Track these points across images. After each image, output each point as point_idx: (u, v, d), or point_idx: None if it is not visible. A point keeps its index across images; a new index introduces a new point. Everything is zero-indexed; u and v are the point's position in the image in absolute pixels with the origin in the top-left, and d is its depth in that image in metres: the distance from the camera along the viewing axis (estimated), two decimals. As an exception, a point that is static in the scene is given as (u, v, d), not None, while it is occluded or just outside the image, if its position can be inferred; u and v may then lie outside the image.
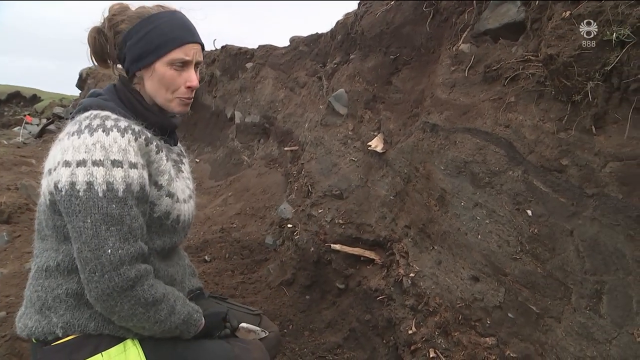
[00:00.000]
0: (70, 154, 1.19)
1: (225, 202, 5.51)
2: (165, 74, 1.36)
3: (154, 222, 1.35)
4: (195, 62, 1.41)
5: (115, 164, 1.19)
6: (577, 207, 1.69)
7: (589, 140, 1.67)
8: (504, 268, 1.95)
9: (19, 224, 4.78)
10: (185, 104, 1.43)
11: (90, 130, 1.21)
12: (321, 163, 3.59)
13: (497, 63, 2.21)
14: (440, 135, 2.42)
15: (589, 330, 1.59)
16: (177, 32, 1.36)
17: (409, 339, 2.29)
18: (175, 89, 1.39)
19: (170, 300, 1.29)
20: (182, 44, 1.36)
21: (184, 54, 1.36)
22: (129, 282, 1.17)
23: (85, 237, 1.14)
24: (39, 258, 1.31)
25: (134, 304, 1.19)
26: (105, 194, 1.16)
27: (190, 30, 1.40)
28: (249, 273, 3.66)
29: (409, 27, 3.15)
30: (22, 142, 13.56)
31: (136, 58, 1.37)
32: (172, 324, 1.28)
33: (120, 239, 1.16)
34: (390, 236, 2.75)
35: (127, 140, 1.23)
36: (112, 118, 1.26)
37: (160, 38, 1.34)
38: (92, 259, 1.14)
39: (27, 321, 1.28)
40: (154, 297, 1.23)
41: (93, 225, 1.14)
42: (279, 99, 5.96)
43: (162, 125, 1.44)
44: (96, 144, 1.19)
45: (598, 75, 1.59)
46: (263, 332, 1.66)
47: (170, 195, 1.37)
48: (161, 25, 1.35)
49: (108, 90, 1.42)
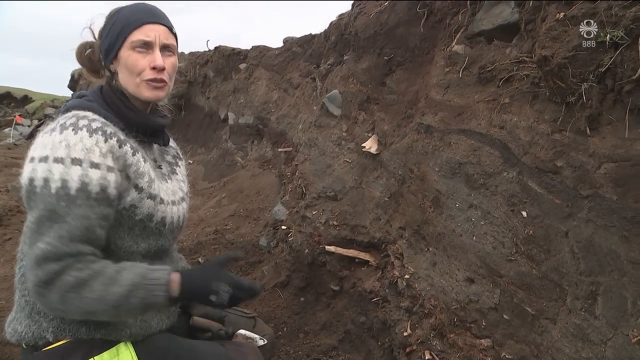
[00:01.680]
0: (38, 151, 1.18)
1: (219, 203, 5.48)
2: (129, 58, 1.33)
3: (136, 225, 1.31)
4: (161, 45, 1.36)
5: (75, 162, 1.16)
6: (572, 209, 1.69)
7: (584, 141, 1.68)
8: (499, 269, 1.95)
9: (9, 226, 4.72)
10: (154, 88, 1.36)
11: (62, 128, 1.19)
12: (315, 164, 3.58)
13: (492, 64, 2.21)
14: (434, 137, 2.41)
15: (584, 332, 1.59)
16: (136, 15, 1.35)
17: (404, 340, 2.28)
18: (140, 72, 1.34)
19: (107, 272, 1.15)
20: (140, 24, 1.33)
21: (143, 35, 1.33)
22: (51, 275, 1.09)
23: (29, 232, 1.13)
24: (25, 262, 1.28)
25: (62, 292, 1.10)
26: (57, 190, 1.13)
27: (151, 12, 1.37)
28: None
29: (402, 28, 3.15)
30: (12, 143, 13.44)
31: (106, 52, 1.36)
32: (117, 293, 1.13)
33: (56, 237, 1.11)
34: (384, 238, 2.74)
35: (95, 140, 1.20)
36: (89, 118, 1.24)
37: (120, 24, 1.33)
38: (27, 253, 1.12)
39: (16, 326, 1.26)
40: (80, 278, 1.11)
41: (38, 220, 1.12)
42: (273, 100, 5.94)
43: (147, 124, 1.41)
44: (62, 141, 1.17)
45: (592, 76, 1.59)
46: (261, 339, 1.64)
47: (151, 197, 1.33)
48: (122, 15, 1.35)
49: (93, 92, 1.40)
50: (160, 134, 1.51)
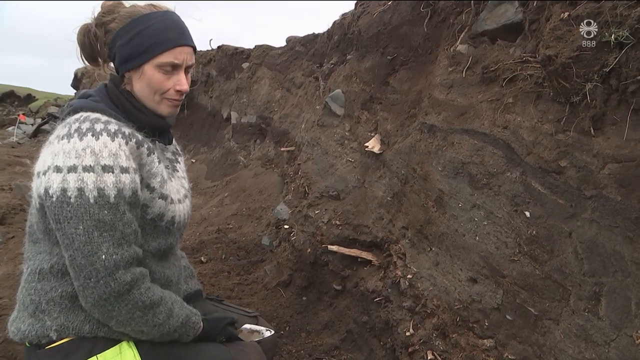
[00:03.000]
0: (61, 159, 1.17)
1: (221, 202, 5.49)
2: (153, 76, 1.33)
3: (147, 224, 1.34)
4: (186, 66, 1.37)
5: (106, 169, 1.18)
6: (576, 209, 1.69)
7: (588, 141, 1.67)
8: (502, 270, 1.95)
9: (12, 225, 4.73)
10: (174, 106, 1.41)
11: (80, 134, 1.19)
12: (318, 164, 3.58)
13: (495, 64, 2.21)
14: (437, 136, 2.41)
15: (587, 332, 1.59)
16: (167, 34, 1.32)
17: (406, 340, 2.28)
18: (164, 92, 1.36)
19: (168, 303, 1.28)
20: (172, 47, 1.32)
21: (173, 57, 1.32)
22: (125, 286, 1.16)
23: (78, 244, 1.13)
24: (32, 261, 1.29)
25: (132, 308, 1.18)
26: (96, 200, 1.15)
27: (181, 33, 1.35)
28: (245, 274, 3.65)
29: (406, 28, 3.15)
30: (16, 142, 13.47)
31: (125, 59, 1.33)
32: (170, 327, 1.27)
33: (113, 245, 1.16)
34: (387, 237, 2.74)
35: (118, 144, 1.22)
36: (102, 121, 1.24)
37: (149, 40, 1.30)
38: (86, 265, 1.13)
39: (20, 325, 1.27)
40: (152, 300, 1.22)
41: (85, 231, 1.13)
42: (276, 99, 5.94)
43: (154, 125, 1.42)
44: (86, 149, 1.17)
45: (597, 76, 1.59)
46: (268, 330, 1.65)
47: (163, 197, 1.36)
48: (151, 27, 1.31)
49: (99, 91, 1.39)
50: (165, 133, 1.53)
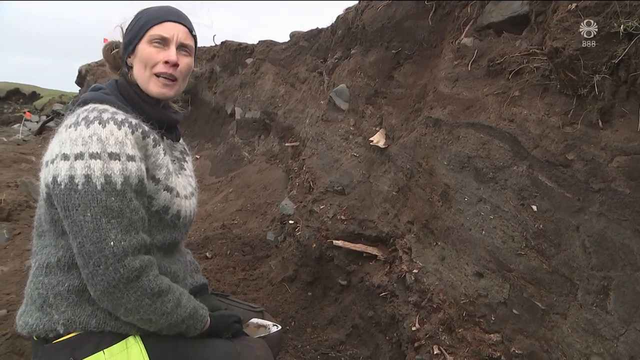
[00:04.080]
0: (68, 147, 1.18)
1: (226, 198, 5.49)
2: (144, 50, 1.37)
3: (152, 216, 1.34)
4: (178, 43, 1.39)
5: (113, 156, 1.19)
6: (583, 202, 1.67)
7: (596, 134, 1.65)
8: (508, 264, 1.93)
9: (19, 221, 4.76)
10: (163, 85, 1.39)
11: (87, 122, 1.21)
12: (322, 159, 3.57)
13: (501, 57, 2.19)
14: (443, 130, 2.39)
15: (595, 327, 1.58)
16: (159, 13, 1.40)
17: (412, 335, 2.27)
18: (153, 65, 1.37)
19: (176, 293, 1.28)
20: (161, 21, 1.38)
21: (162, 30, 1.37)
22: (134, 273, 1.16)
23: (86, 231, 1.13)
24: (39, 255, 1.29)
25: (140, 295, 1.18)
26: (103, 187, 1.16)
27: (174, 13, 1.42)
28: (250, 270, 3.65)
29: (410, 21, 3.13)
30: (21, 139, 13.53)
31: (126, 46, 1.42)
32: (178, 317, 1.27)
33: (121, 231, 1.16)
34: (392, 232, 2.73)
35: (124, 132, 1.23)
36: (110, 111, 1.26)
37: (143, 21, 1.38)
38: (95, 252, 1.13)
39: (27, 319, 1.27)
40: (160, 288, 1.22)
41: (93, 218, 1.14)
42: (280, 94, 5.93)
43: (161, 119, 1.43)
44: (92, 136, 1.18)
45: (605, 68, 1.57)
46: (275, 326, 1.65)
47: (168, 190, 1.37)
48: (148, 13, 1.41)
49: (109, 85, 1.42)
50: (173, 129, 1.54)
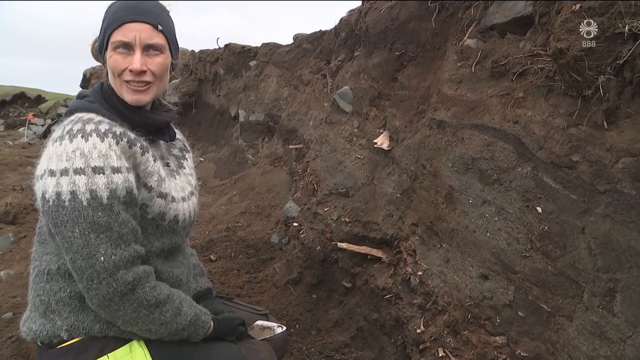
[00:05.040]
0: (54, 162, 1.17)
1: (230, 201, 5.50)
2: (111, 58, 1.29)
3: (149, 224, 1.32)
4: (143, 45, 1.29)
5: (97, 170, 1.16)
6: (589, 204, 1.66)
7: (601, 135, 1.64)
8: (513, 266, 1.93)
9: (24, 224, 4.78)
10: (135, 91, 1.31)
11: (71, 136, 1.18)
12: (326, 161, 3.56)
13: (505, 58, 2.18)
14: (447, 132, 2.39)
15: (602, 329, 1.57)
16: (118, 13, 1.29)
17: (417, 338, 2.27)
18: (120, 73, 1.29)
19: (175, 302, 1.27)
20: (119, 24, 1.27)
21: (122, 35, 1.27)
22: (128, 286, 1.16)
23: (76, 247, 1.13)
24: (38, 261, 1.29)
25: (137, 307, 1.18)
26: (89, 202, 1.14)
27: (133, 9, 1.29)
28: (254, 272, 3.65)
29: (414, 23, 3.12)
30: (27, 142, 13.61)
31: (99, 51, 1.36)
32: (178, 325, 1.27)
33: (111, 245, 1.15)
34: (397, 234, 2.73)
35: (108, 144, 1.20)
36: (95, 121, 1.23)
37: (105, 24, 1.30)
38: (86, 267, 1.13)
39: (31, 325, 1.27)
40: (157, 299, 1.22)
41: (82, 234, 1.13)
42: (283, 97, 5.94)
43: (147, 124, 1.38)
44: (76, 151, 1.16)
45: (610, 69, 1.56)
46: (280, 327, 1.65)
47: (162, 196, 1.33)
48: (109, 12, 1.31)
49: (94, 91, 1.37)
50: (165, 130, 1.49)
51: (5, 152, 9.91)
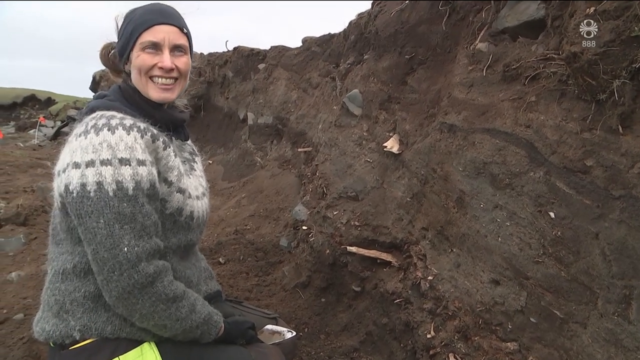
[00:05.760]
0: (79, 155, 1.19)
1: (238, 203, 5.50)
2: (138, 57, 1.35)
3: (167, 219, 1.34)
4: (171, 45, 1.37)
5: (123, 162, 1.19)
6: (603, 209, 1.64)
7: (615, 140, 1.62)
8: (525, 271, 1.91)
9: (35, 226, 4.81)
10: (163, 89, 1.38)
11: (96, 129, 1.21)
12: (336, 164, 3.56)
13: (517, 62, 2.17)
14: (458, 136, 2.37)
15: (617, 337, 1.54)
16: (147, 16, 1.36)
17: (427, 343, 2.25)
18: (147, 70, 1.36)
19: (190, 298, 1.29)
20: (150, 25, 1.35)
21: (152, 36, 1.35)
22: (149, 278, 1.17)
23: (100, 238, 1.14)
24: (55, 262, 1.31)
25: (155, 300, 1.19)
26: (115, 192, 1.16)
27: (161, 13, 1.38)
28: (263, 275, 3.65)
29: (424, 27, 3.11)
30: (37, 144, 13.74)
31: (120, 53, 1.40)
32: (193, 322, 1.28)
33: (135, 237, 1.16)
34: (407, 238, 2.71)
35: (134, 137, 1.23)
36: (118, 117, 1.27)
37: (132, 26, 1.35)
38: (109, 258, 1.14)
39: (44, 325, 1.28)
40: (175, 293, 1.23)
41: (106, 224, 1.14)
42: (292, 99, 5.95)
43: (168, 120, 1.43)
44: (102, 143, 1.19)
45: (625, 73, 1.54)
46: (289, 332, 1.64)
47: (181, 191, 1.37)
48: (135, 15, 1.37)
49: (113, 91, 1.42)
50: (181, 129, 1.54)
51: (17, 154, 10.01)
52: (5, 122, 24.14)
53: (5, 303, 3.14)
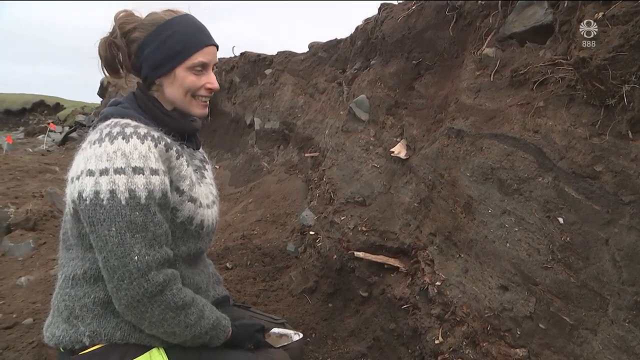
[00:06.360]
0: (93, 163, 1.20)
1: (245, 208, 5.52)
2: (186, 78, 1.38)
3: (177, 228, 1.35)
4: (213, 65, 1.44)
5: (137, 170, 1.20)
6: (613, 215, 1.63)
7: (625, 145, 1.62)
8: (534, 277, 1.90)
9: (44, 231, 4.85)
10: (204, 106, 1.46)
11: (111, 138, 1.22)
12: (343, 169, 3.56)
13: (525, 67, 2.16)
14: (465, 141, 2.37)
15: (629, 344, 1.53)
16: (195, 36, 1.38)
17: (435, 349, 2.24)
18: (196, 92, 1.41)
19: (199, 305, 1.29)
20: (202, 47, 1.39)
21: (203, 57, 1.39)
22: (158, 287, 1.18)
23: (111, 246, 1.14)
24: (66, 267, 1.32)
25: (164, 309, 1.19)
26: (128, 201, 1.17)
27: (207, 34, 1.43)
28: (270, 280, 3.65)
29: (431, 32, 3.12)
30: (46, 149, 13.86)
31: (156, 65, 1.38)
32: (202, 328, 1.28)
33: (145, 246, 1.17)
34: (414, 244, 2.71)
35: (147, 146, 1.24)
36: (132, 125, 1.28)
37: (179, 44, 1.35)
38: (119, 266, 1.15)
39: (54, 330, 1.29)
40: (184, 301, 1.24)
41: (118, 233, 1.15)
42: (299, 105, 5.96)
43: (183, 129, 1.45)
44: (117, 151, 1.20)
45: (634, 78, 1.54)
46: (297, 334, 1.65)
47: (192, 200, 1.37)
48: (178, 31, 1.37)
49: (128, 99, 1.43)
50: (193, 137, 1.55)
51: (26, 160, 10.10)
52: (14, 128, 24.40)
53: (14, 308, 3.16)
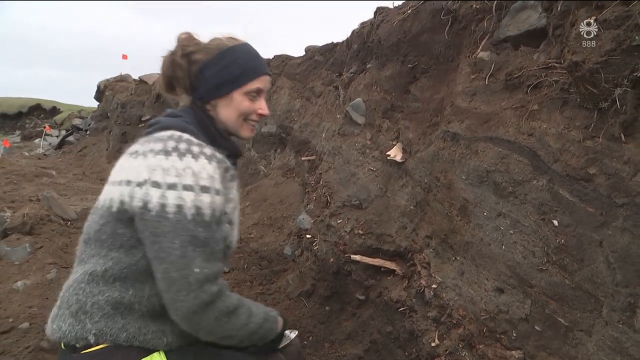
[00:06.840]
0: (159, 175, 1.23)
1: (242, 212, 5.52)
2: (242, 102, 1.47)
3: None
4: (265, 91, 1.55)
5: (204, 189, 1.25)
6: (606, 217, 1.65)
7: (618, 148, 1.63)
8: (529, 279, 1.91)
9: (40, 235, 4.82)
10: (253, 129, 1.55)
11: (179, 154, 1.27)
12: (339, 173, 3.57)
13: (519, 70, 2.18)
14: (461, 145, 2.39)
15: (622, 345, 1.54)
16: (253, 63, 1.50)
17: (431, 351, 2.25)
18: (248, 116, 1.50)
19: (245, 304, 1.34)
20: (259, 75, 1.49)
21: (260, 84, 1.49)
22: (213, 297, 1.22)
23: (173, 258, 1.18)
24: (86, 262, 1.32)
25: (218, 315, 1.23)
26: (194, 217, 1.21)
27: (261, 61, 1.53)
28: (267, 284, 3.65)
29: (426, 36, 3.14)
30: (42, 153, 13.83)
31: (215, 87, 1.46)
32: (255, 324, 1.34)
33: (204, 260, 1.21)
34: (411, 246, 2.72)
35: (214, 167, 1.30)
36: (196, 143, 1.32)
37: (239, 69, 1.46)
38: (179, 278, 1.18)
39: (61, 323, 1.29)
40: (233, 305, 1.28)
41: (181, 246, 1.19)
42: (295, 108, 5.97)
43: (233, 152, 1.52)
44: (187, 169, 1.25)
45: (626, 81, 1.55)
46: (292, 332, 1.66)
47: (230, 223, 1.42)
48: (240, 57, 1.48)
49: (186, 113, 1.47)
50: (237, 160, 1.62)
51: (22, 163, 10.07)
52: (10, 132, 24.34)
53: (10, 312, 3.15)
